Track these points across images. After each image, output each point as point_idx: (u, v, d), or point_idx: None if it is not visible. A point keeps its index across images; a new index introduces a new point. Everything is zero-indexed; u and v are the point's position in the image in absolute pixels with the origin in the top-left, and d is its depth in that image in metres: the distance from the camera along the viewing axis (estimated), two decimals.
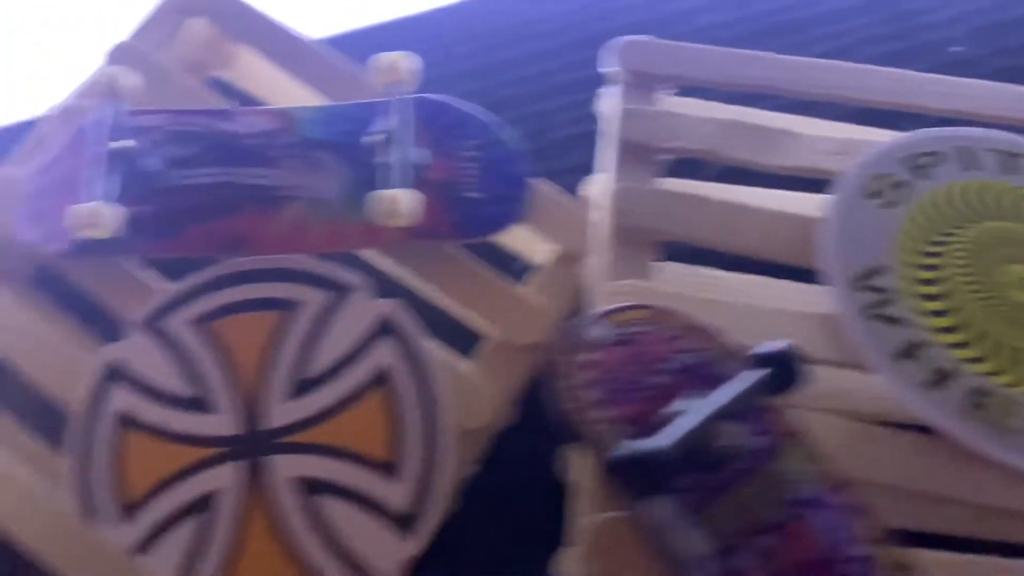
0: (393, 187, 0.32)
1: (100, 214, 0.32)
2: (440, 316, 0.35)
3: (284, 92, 0.41)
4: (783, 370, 0.26)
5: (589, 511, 0.29)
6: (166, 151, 0.35)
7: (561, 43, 0.45)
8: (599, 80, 0.43)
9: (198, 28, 0.41)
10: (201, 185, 0.35)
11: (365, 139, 0.34)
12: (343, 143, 0.35)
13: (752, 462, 0.26)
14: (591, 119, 0.43)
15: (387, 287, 0.35)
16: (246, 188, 0.35)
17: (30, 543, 0.32)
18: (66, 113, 0.38)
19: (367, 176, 0.34)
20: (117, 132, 0.34)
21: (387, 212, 0.32)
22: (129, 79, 0.34)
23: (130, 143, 0.34)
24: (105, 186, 0.33)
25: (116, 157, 0.33)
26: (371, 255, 0.37)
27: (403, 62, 0.34)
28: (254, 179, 0.35)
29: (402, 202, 0.32)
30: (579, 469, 0.31)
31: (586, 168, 0.40)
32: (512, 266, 0.38)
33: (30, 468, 0.34)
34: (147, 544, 0.32)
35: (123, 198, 0.33)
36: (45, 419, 0.35)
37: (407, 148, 0.33)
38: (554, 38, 0.45)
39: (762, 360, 0.27)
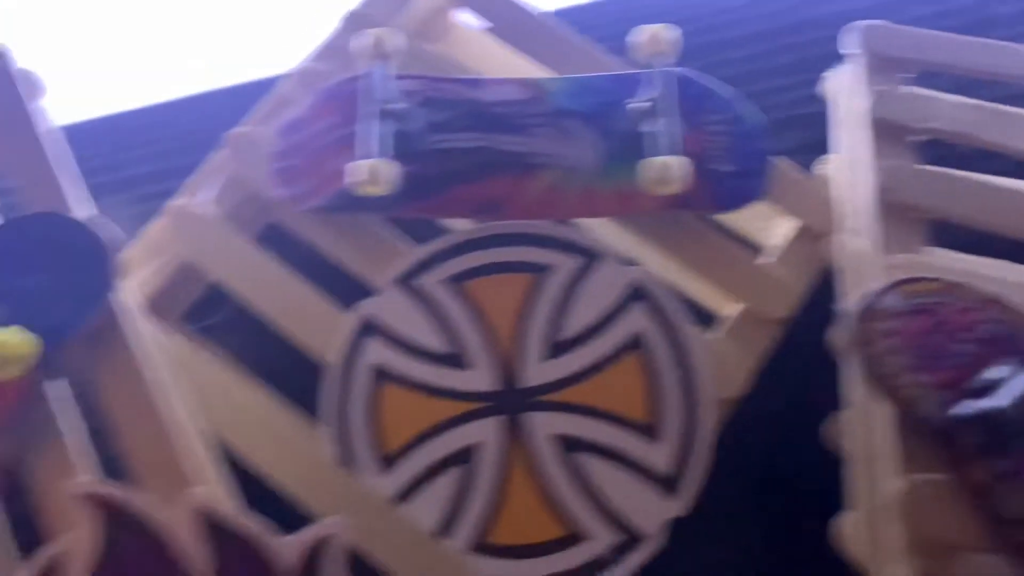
0: (662, 155, 0.33)
1: (378, 171, 0.33)
2: None
3: (501, 65, 0.42)
4: None
5: (880, 476, 0.29)
6: (424, 115, 0.36)
7: (770, 27, 0.46)
8: (807, 64, 0.44)
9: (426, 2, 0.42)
10: (458, 149, 0.36)
11: (631, 107, 0.35)
12: (594, 113, 0.36)
13: None
14: (803, 102, 0.43)
15: None
16: (502, 154, 0.35)
17: (291, 488, 0.33)
18: (305, 76, 0.40)
19: (621, 145, 0.35)
20: (384, 93, 0.35)
21: (658, 179, 0.33)
22: (395, 40, 0.35)
23: (401, 103, 0.35)
24: (380, 144, 0.33)
25: (388, 116, 0.34)
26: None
27: (664, 33, 0.35)
28: (509, 145, 0.36)
29: (674, 169, 0.33)
30: (857, 435, 0.31)
31: (802, 148, 0.41)
32: None
33: (286, 417, 0.35)
34: (408, 494, 0.33)
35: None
36: (296, 372, 0.36)
37: (673, 117, 0.34)
38: (763, 22, 0.46)
39: None
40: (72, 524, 0.29)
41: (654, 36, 0.35)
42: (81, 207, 0.33)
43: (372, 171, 0.33)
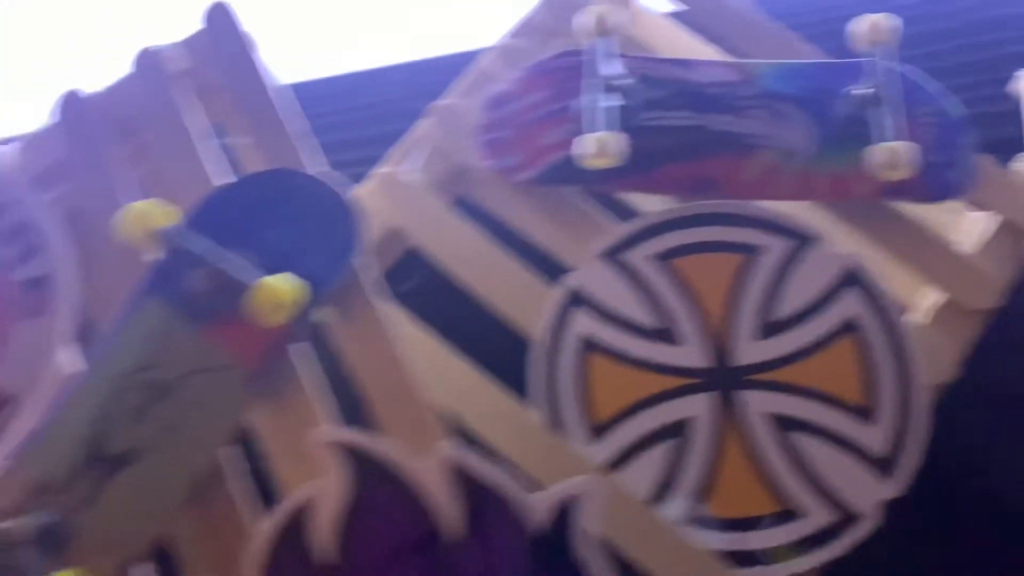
0: (889, 141, 0.33)
1: (607, 144, 0.33)
2: None
3: (686, 49, 0.42)
4: None
5: None
6: (640, 92, 0.36)
7: (951, 27, 0.46)
8: (986, 64, 0.44)
9: None
10: (673, 127, 0.36)
11: (853, 93, 0.35)
12: (806, 97, 0.36)
13: None
14: (983, 100, 0.44)
15: None
16: (717, 134, 0.36)
17: (504, 450, 0.34)
18: (507, 52, 0.40)
19: (839, 131, 0.35)
20: (607, 68, 0.35)
21: (887, 164, 0.33)
22: (617, 16, 0.36)
23: (627, 79, 0.35)
24: (607, 117, 0.34)
25: (612, 91, 0.35)
26: None
27: (885, 22, 0.35)
28: (723, 125, 0.36)
29: (902, 154, 0.33)
30: None
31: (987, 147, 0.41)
32: None
33: (488, 382, 0.35)
34: (620, 463, 0.34)
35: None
36: (487, 338, 0.37)
37: (897, 104, 0.34)
38: (944, 21, 0.46)
39: None
40: (314, 473, 0.29)
41: (874, 25, 0.35)
42: (313, 164, 0.34)
43: (600, 144, 0.33)
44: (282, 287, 0.28)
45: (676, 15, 0.43)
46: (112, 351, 0.30)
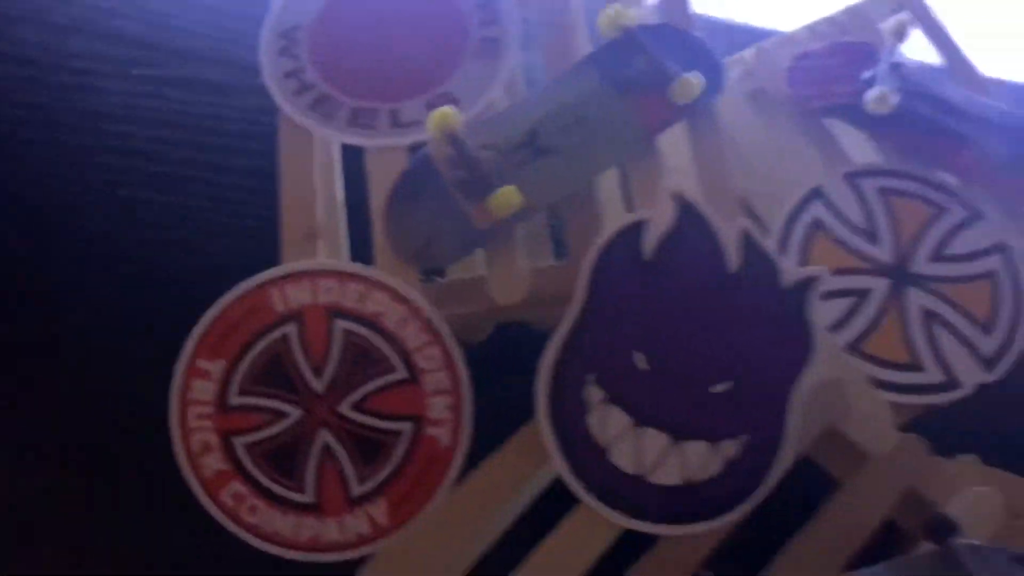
0: None
1: (887, 97, 0.50)
2: None
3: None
4: None
5: None
6: (917, 86, 0.53)
7: None
8: None
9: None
10: (924, 116, 0.52)
11: None
12: (1005, 124, 0.53)
13: None
14: None
15: None
16: (952, 129, 0.52)
17: None
18: (813, 30, 0.57)
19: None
20: (892, 56, 0.52)
21: None
22: (909, 30, 0.53)
23: (907, 68, 0.52)
24: (889, 82, 0.51)
25: (895, 71, 0.51)
26: None
27: None
28: (954, 124, 0.53)
29: None
30: None
31: None
32: None
33: None
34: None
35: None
36: None
37: None
38: None
39: None
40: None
41: None
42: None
43: (882, 95, 0.50)
44: (695, 80, 0.44)
45: None
46: (559, 86, 0.46)
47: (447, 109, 0.43)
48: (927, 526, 0.40)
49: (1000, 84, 0.59)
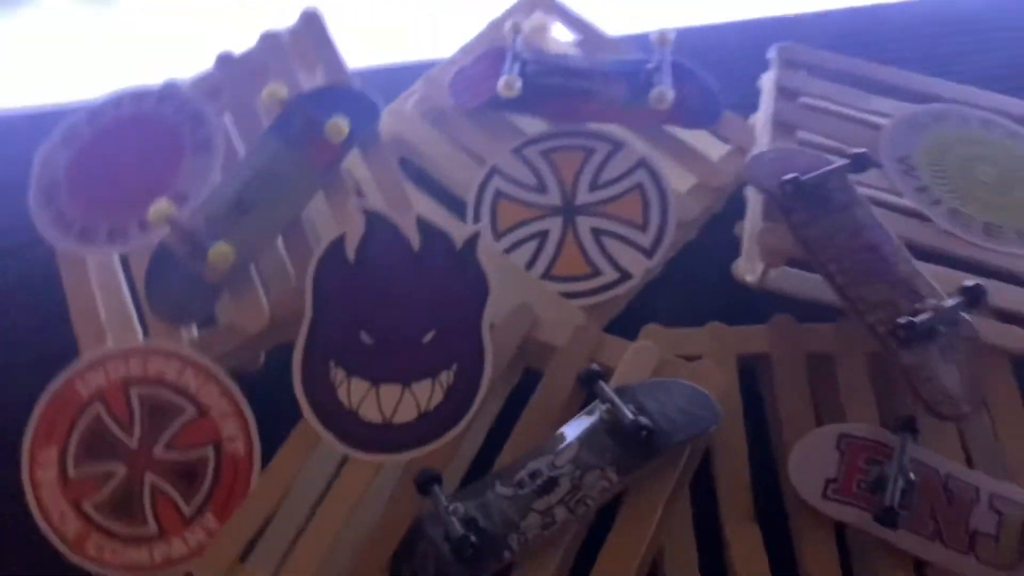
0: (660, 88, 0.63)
1: (513, 83, 0.64)
2: None
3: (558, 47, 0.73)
4: None
5: None
6: (533, 65, 0.67)
7: None
8: None
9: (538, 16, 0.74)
10: (550, 84, 0.66)
11: (647, 68, 0.65)
12: (623, 71, 0.67)
13: None
14: None
15: None
16: (574, 87, 0.66)
17: None
18: (479, 40, 0.71)
19: (639, 88, 0.66)
20: (516, 48, 0.66)
21: (656, 99, 0.63)
22: (523, 27, 0.67)
23: (527, 54, 0.66)
24: (514, 72, 0.64)
25: (518, 59, 0.65)
26: None
27: (668, 34, 0.66)
28: (577, 84, 0.66)
29: (665, 95, 0.63)
30: None
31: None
32: None
33: None
34: (511, 250, 0.62)
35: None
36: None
37: (667, 76, 0.64)
38: None
39: None
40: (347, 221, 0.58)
41: (662, 35, 0.66)
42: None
43: (509, 83, 0.64)
44: (341, 122, 0.58)
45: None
46: (252, 156, 0.59)
47: (160, 204, 0.56)
48: (578, 378, 0.52)
49: (629, 39, 0.73)
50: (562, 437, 0.50)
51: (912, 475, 0.51)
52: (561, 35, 0.75)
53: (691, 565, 0.51)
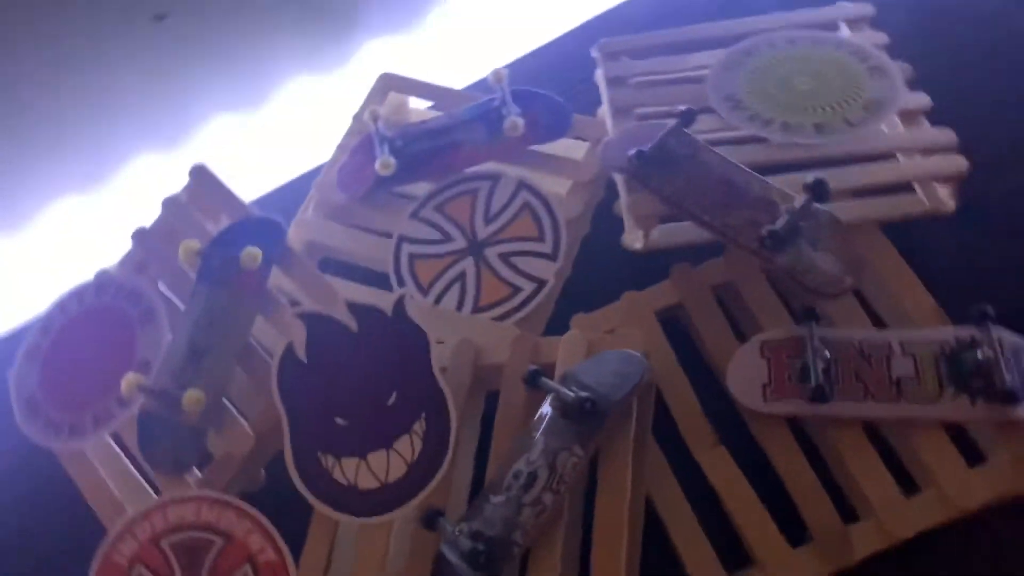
0: (511, 118, 0.71)
1: (388, 162, 0.72)
2: None
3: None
4: None
5: None
6: (400, 139, 0.75)
7: None
8: None
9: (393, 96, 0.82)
10: (419, 149, 0.74)
11: (495, 106, 0.74)
12: (478, 116, 0.75)
13: None
14: None
15: None
16: (441, 145, 0.74)
17: None
18: (349, 135, 0.79)
19: (494, 125, 0.74)
20: (387, 130, 0.74)
21: (511, 129, 0.71)
22: (381, 112, 0.75)
23: (391, 134, 0.74)
24: (385, 152, 0.72)
25: (384, 140, 0.73)
26: None
27: (502, 73, 0.74)
28: (444, 140, 0.74)
29: (518, 124, 0.71)
30: None
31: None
32: None
33: None
34: (438, 300, 0.70)
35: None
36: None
37: (513, 107, 0.72)
38: None
39: None
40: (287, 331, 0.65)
41: (497, 74, 0.74)
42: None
43: (384, 163, 0.72)
44: (253, 251, 0.65)
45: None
46: (190, 307, 0.67)
47: (128, 378, 0.63)
48: (524, 382, 0.59)
49: (477, 84, 0.81)
50: (530, 436, 0.57)
51: (828, 353, 0.58)
52: (419, 104, 0.83)
53: (678, 499, 0.58)
